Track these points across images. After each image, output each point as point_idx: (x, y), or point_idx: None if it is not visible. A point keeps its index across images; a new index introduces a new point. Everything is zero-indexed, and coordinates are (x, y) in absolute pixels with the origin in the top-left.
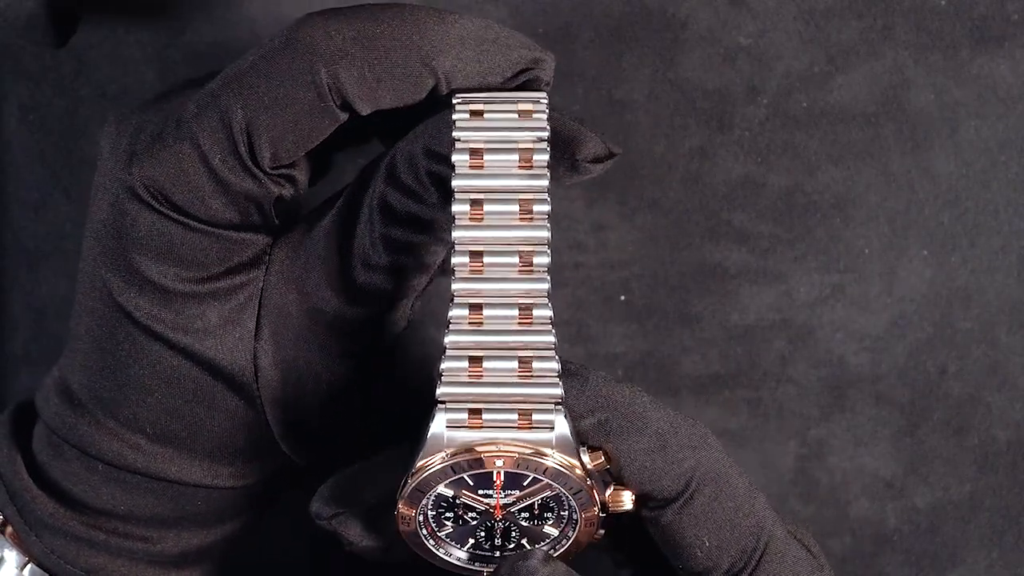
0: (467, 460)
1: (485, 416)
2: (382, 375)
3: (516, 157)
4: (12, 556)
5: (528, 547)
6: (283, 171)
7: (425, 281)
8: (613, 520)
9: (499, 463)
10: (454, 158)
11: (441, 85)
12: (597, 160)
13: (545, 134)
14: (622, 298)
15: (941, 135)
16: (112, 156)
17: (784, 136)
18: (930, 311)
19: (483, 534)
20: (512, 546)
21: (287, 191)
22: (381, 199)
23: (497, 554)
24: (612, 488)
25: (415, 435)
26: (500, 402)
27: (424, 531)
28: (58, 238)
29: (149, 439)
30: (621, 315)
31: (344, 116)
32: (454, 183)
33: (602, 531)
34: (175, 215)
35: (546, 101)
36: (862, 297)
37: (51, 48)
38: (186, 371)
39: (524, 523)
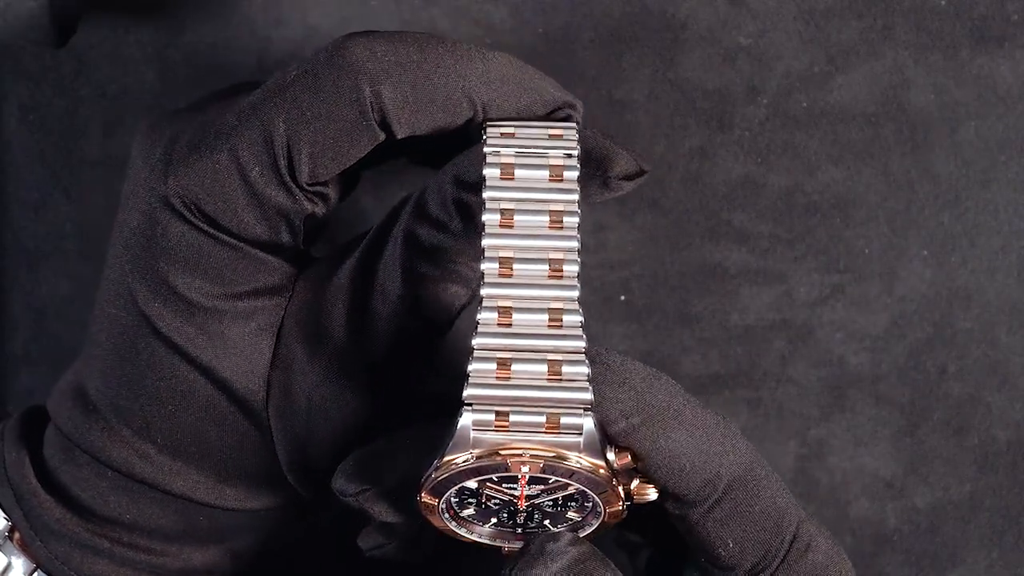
0: (492, 463)
1: (512, 418)
2: (402, 415)
3: (546, 173)
4: (20, 563)
5: (551, 527)
6: (318, 188)
7: (447, 320)
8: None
9: (524, 469)
10: (485, 171)
11: (478, 117)
12: (628, 177)
13: (575, 151)
14: (622, 298)
15: (941, 135)
16: (146, 165)
17: (784, 136)
18: (930, 311)
19: (506, 516)
20: (534, 525)
21: (319, 208)
22: (407, 231)
23: (519, 531)
24: (638, 480)
25: (440, 428)
26: (528, 405)
27: (447, 515)
28: (58, 238)
29: (159, 450)
30: (621, 315)
31: (383, 136)
32: (485, 194)
33: (626, 513)
34: (206, 227)
35: (576, 128)
36: (862, 297)
37: (51, 48)
38: (201, 387)
39: (548, 509)
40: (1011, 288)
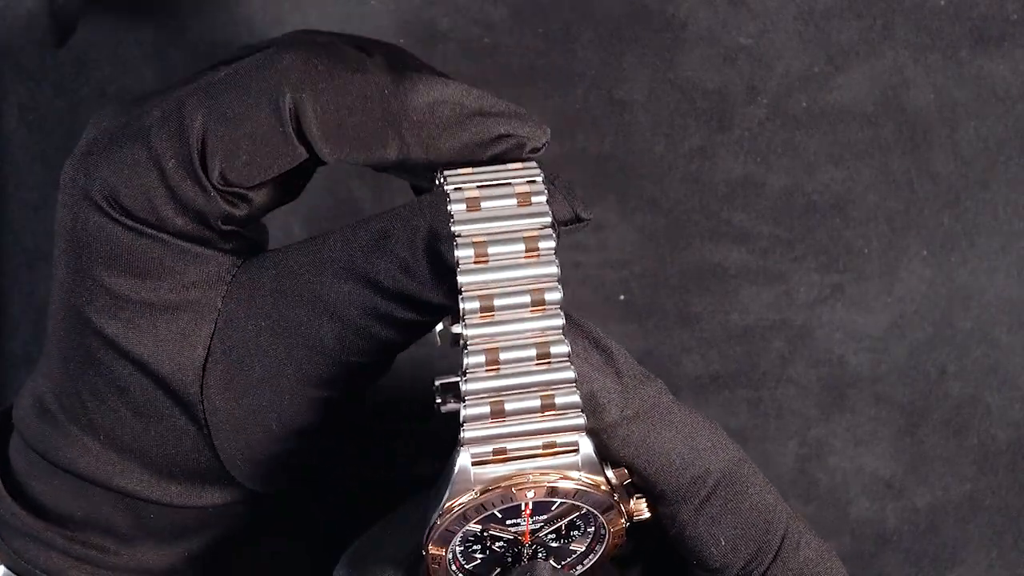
0: (497, 496)
1: (510, 447)
2: (350, 419)
3: (514, 201)
4: None
5: (556, 565)
6: (235, 189)
7: (390, 358)
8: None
9: (530, 495)
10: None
11: (409, 155)
12: (563, 223)
13: (539, 176)
14: (622, 298)
15: (940, 135)
16: (70, 157)
17: (784, 136)
18: (930, 311)
19: (510, 559)
20: None
21: (238, 210)
22: (369, 270)
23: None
24: (634, 499)
25: (434, 477)
26: (524, 436)
27: (454, 567)
28: None
29: (103, 446)
30: (621, 315)
31: (303, 153)
32: (453, 228)
33: (625, 538)
34: (127, 220)
35: (541, 178)
36: (862, 297)
37: (51, 48)
38: (136, 382)
39: (552, 544)
40: (1011, 288)
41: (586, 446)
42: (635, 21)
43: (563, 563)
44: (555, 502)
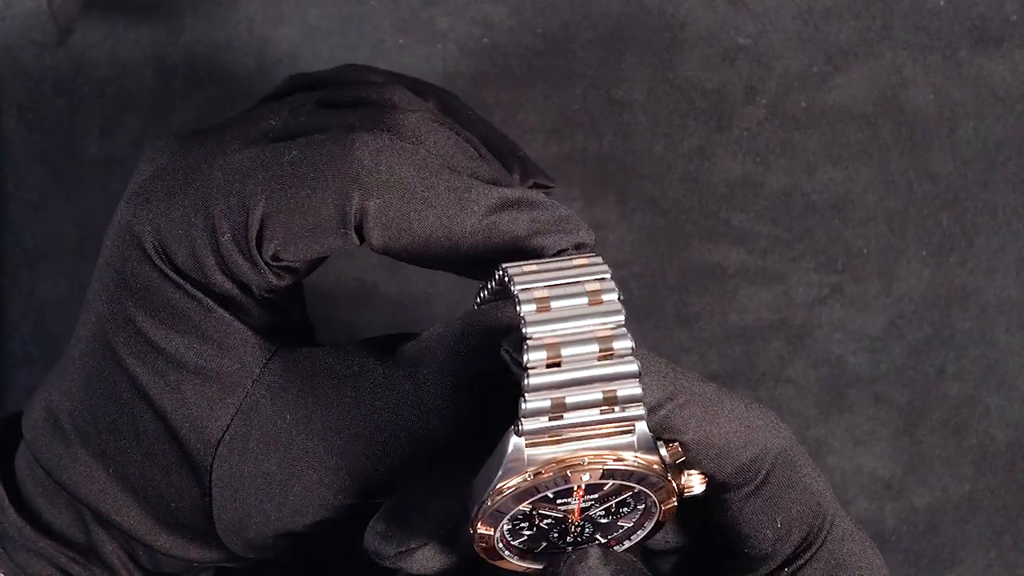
0: (551, 479)
1: (565, 431)
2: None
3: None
4: None
5: (601, 539)
6: (284, 264)
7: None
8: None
9: (585, 477)
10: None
11: (461, 260)
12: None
13: (607, 273)
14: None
15: (939, 135)
16: (127, 195)
17: (783, 136)
18: (928, 311)
19: (557, 535)
20: (584, 540)
21: (283, 281)
22: (411, 391)
23: (571, 549)
24: (685, 475)
25: (485, 453)
26: (582, 426)
27: (500, 544)
28: (58, 238)
29: (108, 476)
30: None
31: (357, 242)
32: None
33: (674, 513)
34: (172, 274)
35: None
36: (860, 297)
37: (51, 48)
38: (153, 430)
39: (601, 520)
40: (1009, 288)
41: (641, 425)
42: (634, 21)
43: (609, 537)
44: (608, 482)
